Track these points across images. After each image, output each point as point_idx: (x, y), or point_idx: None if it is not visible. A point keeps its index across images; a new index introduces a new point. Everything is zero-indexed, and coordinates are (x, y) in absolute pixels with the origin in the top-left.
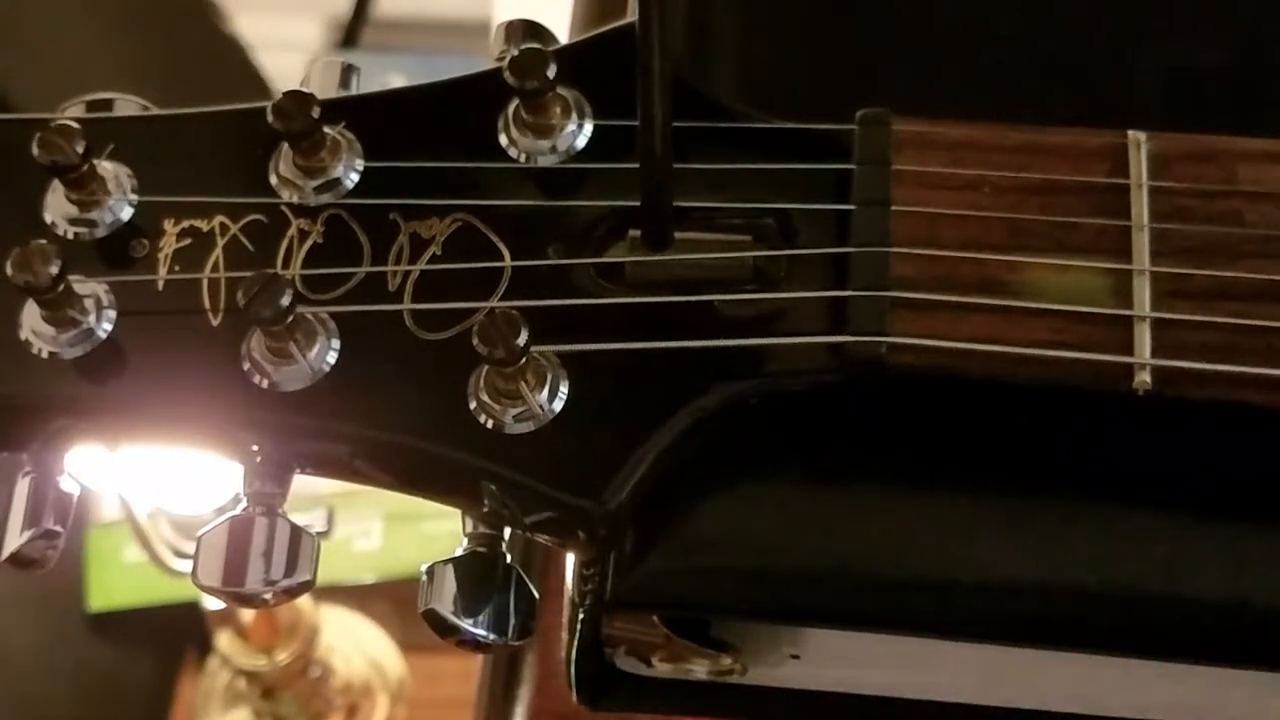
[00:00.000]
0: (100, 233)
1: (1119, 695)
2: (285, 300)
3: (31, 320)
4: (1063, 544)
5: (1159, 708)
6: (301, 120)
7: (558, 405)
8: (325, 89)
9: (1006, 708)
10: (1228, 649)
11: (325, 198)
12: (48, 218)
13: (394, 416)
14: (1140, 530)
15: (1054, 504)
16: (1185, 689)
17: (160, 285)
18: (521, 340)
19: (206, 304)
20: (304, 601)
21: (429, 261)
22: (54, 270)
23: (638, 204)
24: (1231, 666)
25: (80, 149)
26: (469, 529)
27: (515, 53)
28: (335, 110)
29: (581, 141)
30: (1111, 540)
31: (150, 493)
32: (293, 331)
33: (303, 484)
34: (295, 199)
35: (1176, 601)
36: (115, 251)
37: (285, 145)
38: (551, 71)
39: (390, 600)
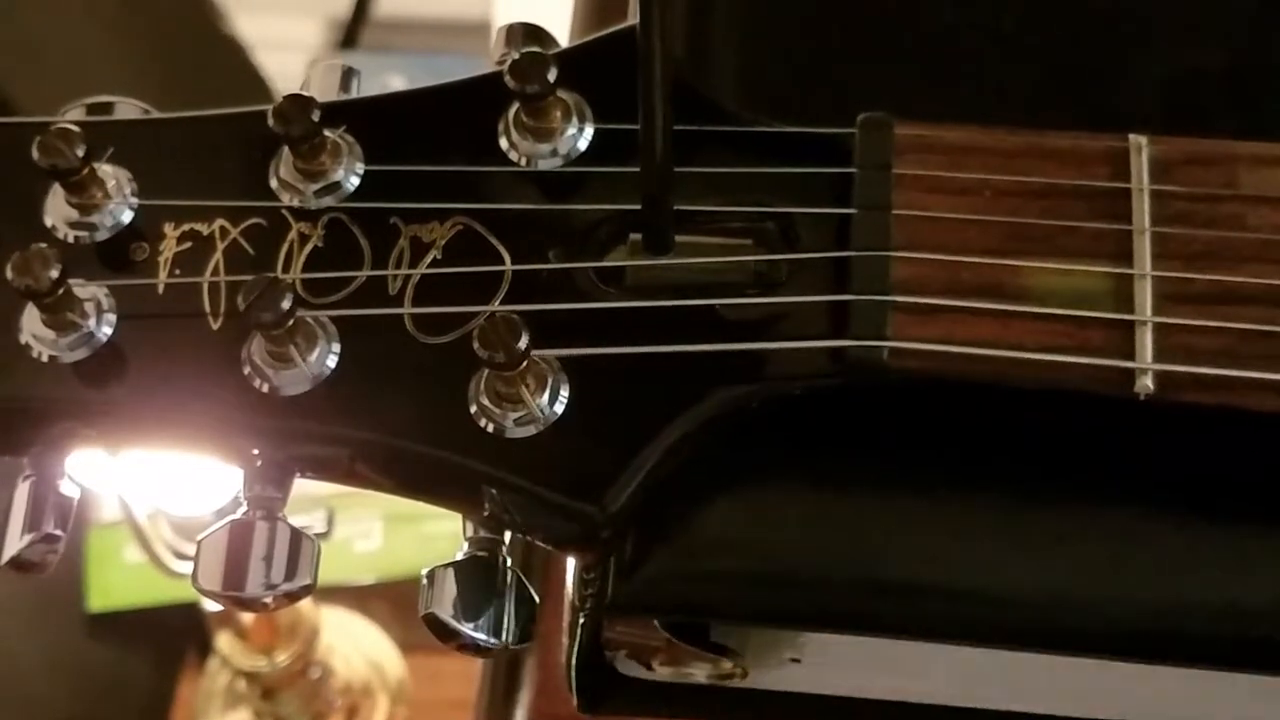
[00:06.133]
0: (100, 236)
1: (1120, 696)
2: (286, 304)
3: (32, 324)
4: (1063, 549)
5: (1158, 707)
6: (302, 124)
7: (558, 409)
8: (325, 92)
9: (1008, 710)
10: (1229, 653)
11: (326, 201)
12: (48, 221)
13: (394, 421)
14: (1140, 535)
15: (1055, 509)
16: (1186, 689)
17: (160, 289)
18: (522, 344)
19: (207, 308)
20: (304, 603)
21: (429, 265)
22: (54, 274)
23: (639, 208)
24: (1232, 671)
25: (80, 152)
26: (469, 533)
27: (516, 56)
28: (336, 114)
29: (582, 145)
30: (1112, 545)
31: (150, 494)
32: (293, 335)
33: (303, 484)
34: (296, 202)
35: (1176, 605)
36: (115, 255)
37: (286, 149)
38: (552, 75)
39: (390, 601)
